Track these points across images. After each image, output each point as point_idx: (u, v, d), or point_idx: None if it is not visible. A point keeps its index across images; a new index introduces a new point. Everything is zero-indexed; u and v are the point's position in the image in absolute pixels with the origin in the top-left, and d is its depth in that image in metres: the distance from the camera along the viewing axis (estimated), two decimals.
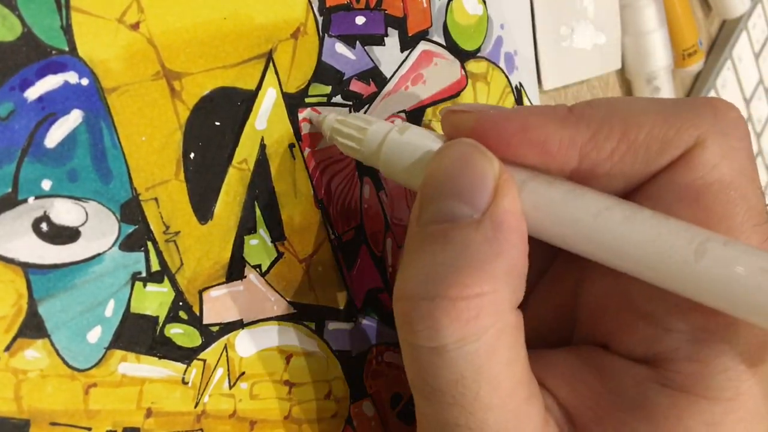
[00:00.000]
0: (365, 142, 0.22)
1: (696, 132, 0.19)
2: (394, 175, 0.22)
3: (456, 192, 0.18)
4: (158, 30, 0.20)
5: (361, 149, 0.22)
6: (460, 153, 0.19)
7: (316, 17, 0.24)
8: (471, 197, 0.18)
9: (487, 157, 0.19)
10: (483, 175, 0.18)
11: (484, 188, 0.18)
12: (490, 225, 0.18)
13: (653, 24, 0.40)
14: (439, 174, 0.19)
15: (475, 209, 0.18)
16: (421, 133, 0.21)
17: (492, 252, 0.17)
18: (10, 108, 0.17)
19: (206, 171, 0.21)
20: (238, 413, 0.22)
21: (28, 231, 0.18)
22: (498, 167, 0.19)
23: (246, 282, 0.22)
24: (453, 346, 0.17)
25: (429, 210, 0.19)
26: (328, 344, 0.25)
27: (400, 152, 0.21)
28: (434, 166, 0.19)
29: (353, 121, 0.22)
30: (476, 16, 0.30)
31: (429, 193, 0.19)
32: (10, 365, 0.18)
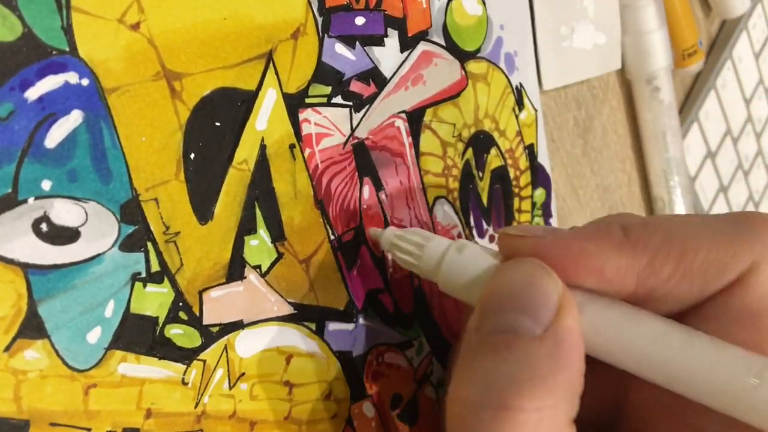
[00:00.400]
0: (424, 258, 0.23)
1: (751, 256, 0.19)
2: (454, 291, 0.22)
3: (520, 306, 0.19)
4: (158, 30, 0.20)
5: (420, 265, 0.23)
6: (526, 270, 0.20)
7: (316, 18, 0.24)
8: (535, 312, 0.19)
9: (551, 276, 0.19)
10: (547, 292, 0.19)
11: (548, 305, 0.19)
12: (552, 341, 0.18)
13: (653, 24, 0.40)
14: (504, 288, 0.20)
15: (538, 324, 0.18)
16: (479, 252, 0.22)
17: (553, 368, 0.18)
18: (10, 108, 0.17)
19: (206, 171, 0.21)
20: (238, 414, 0.22)
21: (28, 231, 0.18)
22: (561, 287, 0.19)
23: (246, 282, 0.22)
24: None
25: (491, 321, 0.19)
26: (328, 345, 0.24)
27: (459, 270, 0.22)
28: (499, 280, 0.20)
29: (411, 237, 0.24)
30: (476, 16, 0.30)
31: (492, 305, 0.20)
32: (9, 365, 0.18)
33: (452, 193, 0.29)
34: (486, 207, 0.31)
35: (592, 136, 0.40)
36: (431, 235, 0.23)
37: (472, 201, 0.30)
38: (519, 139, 0.33)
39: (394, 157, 0.27)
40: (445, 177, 0.29)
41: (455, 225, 0.29)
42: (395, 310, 0.27)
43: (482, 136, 0.31)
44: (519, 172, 0.33)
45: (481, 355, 0.19)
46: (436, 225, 0.28)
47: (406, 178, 0.27)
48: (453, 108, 0.29)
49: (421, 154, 0.28)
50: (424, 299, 0.28)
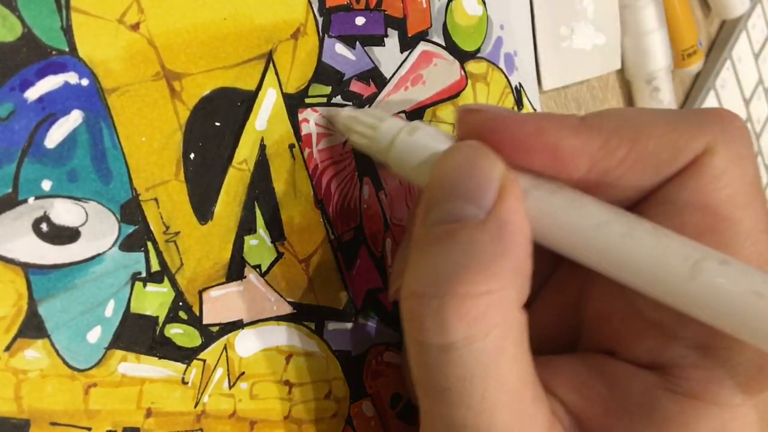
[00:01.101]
0: (377, 138, 0.22)
1: (705, 139, 0.19)
2: (404, 173, 0.22)
3: (461, 193, 0.19)
4: (158, 30, 0.20)
5: (372, 145, 0.23)
6: (466, 155, 0.19)
7: (316, 18, 0.24)
8: (476, 197, 0.18)
9: (491, 159, 0.19)
10: (488, 176, 0.19)
11: (489, 189, 0.18)
12: (495, 225, 0.18)
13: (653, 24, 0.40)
14: (445, 176, 0.19)
15: (480, 209, 0.18)
16: (430, 134, 0.21)
17: (498, 251, 0.18)
18: (10, 108, 0.17)
19: (206, 171, 0.21)
20: (237, 413, 0.22)
21: (29, 231, 0.18)
22: (502, 169, 0.19)
23: (246, 282, 0.22)
24: (461, 344, 0.17)
25: (434, 211, 0.19)
26: (327, 344, 0.25)
27: (409, 152, 0.21)
28: (440, 168, 0.20)
29: (365, 118, 0.23)
30: (476, 16, 0.30)
31: (435, 195, 0.19)
32: (10, 365, 0.18)
33: None
34: None
35: None
36: (386, 115, 0.23)
37: None
38: None
39: None
40: None
41: None
42: (394, 310, 0.27)
43: None
44: None
45: (427, 247, 0.18)
46: None
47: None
48: (453, 108, 0.29)
49: None
50: None
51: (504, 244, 0.18)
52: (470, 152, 0.19)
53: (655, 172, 0.19)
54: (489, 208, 0.18)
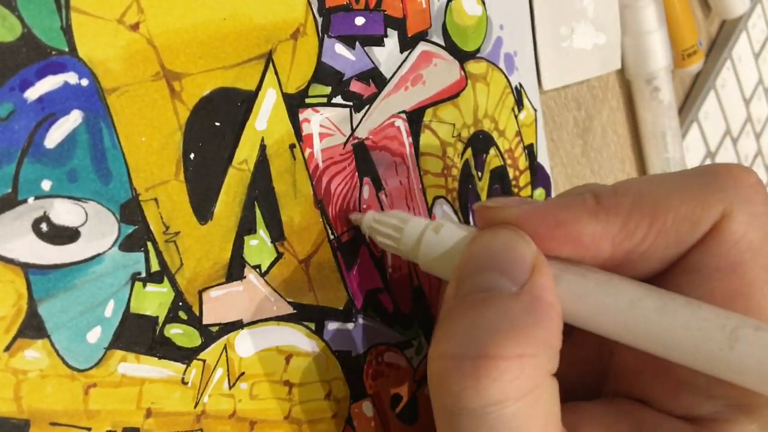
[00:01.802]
0: (403, 240, 0.23)
1: (721, 205, 0.20)
2: (433, 269, 0.23)
3: (496, 267, 0.19)
4: (158, 30, 0.20)
5: (400, 248, 0.23)
6: (500, 234, 0.20)
7: (316, 18, 0.24)
8: (510, 271, 0.19)
9: (525, 238, 0.20)
10: (522, 253, 0.19)
11: (523, 265, 0.19)
12: (528, 297, 0.18)
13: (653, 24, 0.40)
14: (479, 251, 0.20)
15: (514, 282, 0.19)
16: (455, 230, 0.22)
17: (531, 321, 0.18)
18: (10, 108, 0.17)
19: (206, 171, 0.21)
20: (237, 413, 0.22)
21: (28, 231, 0.18)
22: (535, 249, 0.20)
23: (246, 282, 0.22)
24: (493, 408, 0.17)
25: (468, 283, 0.20)
26: (327, 344, 0.25)
27: (437, 248, 0.22)
28: (475, 245, 0.21)
29: (389, 219, 0.24)
30: (475, 16, 0.30)
31: (468, 269, 0.20)
32: (10, 365, 0.18)
33: (452, 193, 0.29)
34: None
35: (592, 136, 0.40)
36: (409, 216, 0.24)
37: (472, 201, 0.30)
38: (518, 139, 0.33)
39: (394, 157, 0.27)
40: (445, 177, 0.29)
41: None
42: (395, 310, 0.27)
43: (481, 136, 0.31)
44: (518, 172, 0.33)
45: (460, 312, 0.19)
46: None
47: (405, 178, 0.27)
48: (452, 108, 0.29)
49: (421, 154, 0.28)
50: (423, 299, 0.28)
51: (537, 315, 0.18)
52: (504, 233, 0.20)
53: (676, 244, 0.20)
54: (522, 283, 0.19)
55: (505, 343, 0.18)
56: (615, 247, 0.20)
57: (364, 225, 0.25)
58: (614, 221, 0.20)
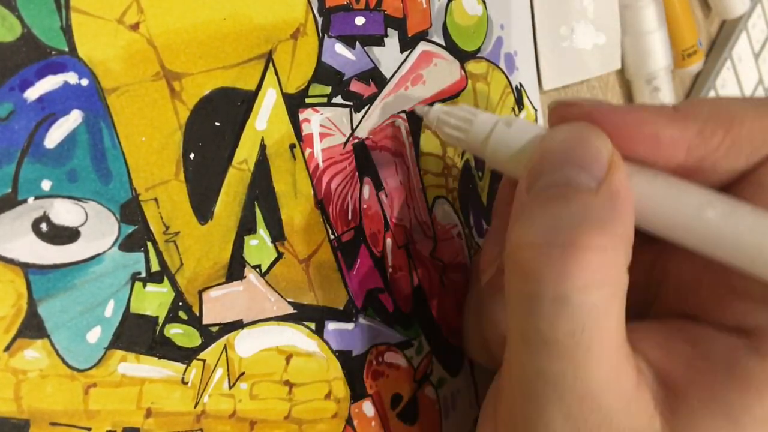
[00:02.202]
0: (472, 132, 0.23)
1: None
2: (501, 164, 0.23)
3: (573, 162, 0.19)
4: (158, 30, 0.20)
5: (468, 140, 0.23)
6: (576, 129, 0.20)
7: (316, 18, 0.24)
8: (588, 167, 0.19)
9: (602, 135, 0.20)
10: (599, 149, 0.20)
11: (600, 161, 0.19)
12: (607, 193, 0.19)
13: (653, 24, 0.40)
14: (556, 147, 0.20)
15: (592, 178, 0.19)
16: (527, 125, 0.22)
17: (610, 216, 0.19)
18: (10, 108, 0.17)
19: (206, 171, 0.21)
20: (237, 413, 0.22)
21: (28, 231, 0.18)
22: (611, 146, 0.20)
23: (246, 282, 0.22)
24: (577, 295, 0.18)
25: (546, 176, 0.20)
26: (328, 344, 0.25)
27: (508, 144, 0.22)
28: (550, 141, 0.21)
29: (459, 112, 0.24)
30: (476, 16, 0.30)
31: (545, 164, 0.20)
32: (9, 365, 0.18)
33: (452, 193, 0.29)
34: (486, 207, 0.31)
35: None
36: (478, 110, 0.24)
37: (472, 201, 0.30)
38: None
39: (394, 156, 0.27)
40: (445, 177, 0.29)
41: (455, 224, 0.29)
42: (395, 310, 0.27)
43: None
44: None
45: (540, 205, 0.19)
46: (436, 225, 0.28)
47: (406, 178, 0.27)
48: None
49: (421, 154, 0.28)
50: (423, 299, 0.28)
51: (616, 210, 0.19)
52: (581, 128, 0.20)
53: (747, 156, 0.20)
54: (600, 178, 0.19)
55: (591, 234, 0.18)
56: (689, 153, 0.20)
57: (431, 116, 0.24)
58: (691, 126, 0.20)
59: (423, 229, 0.28)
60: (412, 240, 0.27)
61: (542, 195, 0.20)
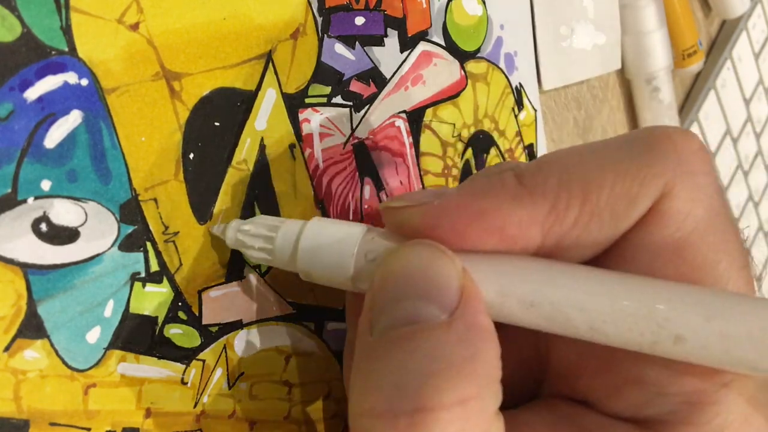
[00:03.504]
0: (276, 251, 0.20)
1: (660, 181, 0.17)
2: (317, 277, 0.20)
3: (419, 293, 0.16)
4: (158, 30, 0.20)
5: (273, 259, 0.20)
6: (418, 253, 0.17)
7: (316, 18, 0.24)
8: (437, 298, 0.16)
9: (449, 256, 0.17)
10: (447, 275, 0.17)
11: (450, 288, 0.16)
12: (462, 325, 0.16)
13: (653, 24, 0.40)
14: (396, 276, 0.17)
15: (443, 309, 0.16)
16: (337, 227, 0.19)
17: (468, 354, 0.16)
18: (10, 108, 0.17)
19: (206, 171, 0.21)
20: (237, 413, 0.22)
21: (28, 231, 0.18)
22: (461, 267, 0.17)
23: (245, 282, 0.22)
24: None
25: (387, 315, 0.17)
26: (327, 344, 0.25)
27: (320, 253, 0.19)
28: (389, 266, 0.17)
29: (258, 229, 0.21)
30: (476, 16, 0.30)
31: (385, 296, 0.17)
32: (9, 365, 0.18)
33: None
34: None
35: (592, 136, 0.40)
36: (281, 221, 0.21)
37: None
38: (518, 139, 0.33)
39: (394, 157, 0.27)
40: (445, 177, 0.29)
41: None
42: None
43: (482, 136, 0.31)
44: None
45: (382, 354, 0.16)
46: None
47: (406, 178, 0.27)
48: (453, 108, 0.29)
49: (421, 154, 0.28)
50: None
51: (474, 346, 0.16)
52: (422, 250, 0.17)
53: (612, 226, 0.18)
54: (452, 308, 0.16)
55: (443, 388, 0.15)
56: (545, 234, 0.17)
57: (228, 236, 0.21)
58: (540, 204, 0.17)
59: None
60: None
61: (385, 338, 0.16)
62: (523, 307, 0.17)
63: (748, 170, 0.53)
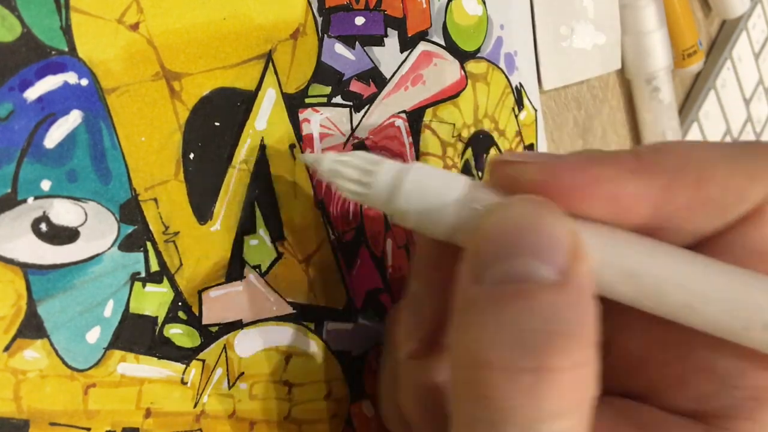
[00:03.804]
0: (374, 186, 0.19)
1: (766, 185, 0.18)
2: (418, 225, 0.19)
3: (530, 249, 0.16)
4: (158, 30, 0.20)
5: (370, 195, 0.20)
6: (529, 208, 0.17)
7: (316, 18, 0.24)
8: (548, 257, 0.16)
9: (560, 215, 0.17)
10: (559, 234, 0.17)
11: (561, 247, 0.16)
12: (574, 290, 0.16)
13: (653, 24, 0.40)
14: (505, 230, 0.17)
15: (554, 270, 0.16)
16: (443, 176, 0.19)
17: (581, 319, 0.16)
18: (10, 108, 0.17)
19: (206, 171, 0.21)
20: (237, 413, 0.22)
21: (28, 231, 0.18)
22: (573, 226, 0.17)
23: (245, 282, 0.22)
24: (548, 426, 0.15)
25: (496, 268, 0.16)
26: (327, 344, 0.25)
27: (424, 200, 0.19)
28: (497, 221, 0.17)
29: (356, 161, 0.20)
30: (476, 16, 0.30)
31: (495, 248, 0.17)
32: (9, 365, 0.18)
33: None
34: None
35: (592, 136, 0.40)
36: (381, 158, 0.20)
37: None
38: (519, 139, 0.33)
39: (394, 156, 0.27)
40: None
41: None
42: None
43: (482, 136, 0.31)
44: None
45: (494, 308, 0.16)
46: None
47: None
48: (453, 108, 0.29)
49: (421, 154, 0.28)
50: None
51: (584, 312, 0.16)
52: (534, 206, 0.17)
53: (718, 217, 0.18)
54: (563, 269, 0.16)
55: (563, 351, 0.15)
56: (654, 211, 0.18)
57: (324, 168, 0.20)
58: (657, 181, 0.17)
59: None
60: (411, 240, 0.27)
61: (497, 293, 0.16)
62: (624, 277, 0.17)
63: None
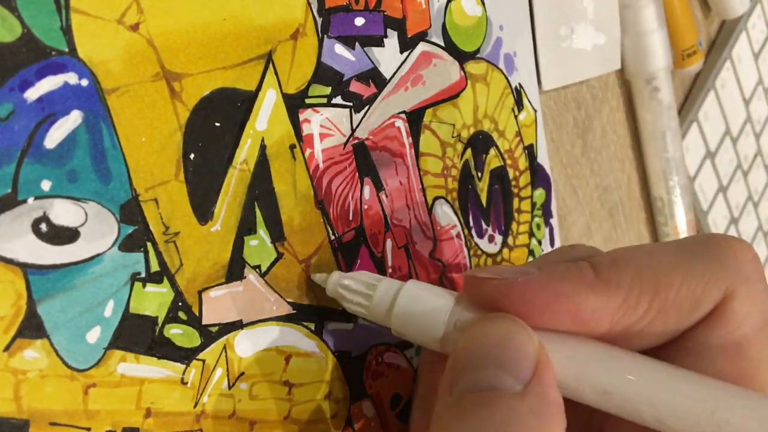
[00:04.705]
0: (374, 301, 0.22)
1: (723, 285, 0.20)
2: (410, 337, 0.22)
3: (498, 362, 0.18)
4: (158, 31, 0.20)
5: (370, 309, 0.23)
6: (501, 326, 0.19)
7: (316, 18, 0.24)
8: (513, 368, 0.18)
9: (527, 332, 0.19)
10: (525, 348, 0.18)
11: (527, 360, 0.18)
12: (535, 398, 0.18)
13: (653, 24, 0.40)
14: (479, 344, 0.19)
15: (518, 380, 0.18)
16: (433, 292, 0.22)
17: (538, 425, 0.17)
18: (10, 109, 0.17)
19: (206, 172, 0.21)
20: (237, 413, 0.22)
21: (28, 231, 0.18)
22: (537, 343, 0.19)
23: (245, 282, 0.22)
24: None
25: (467, 378, 0.19)
26: (327, 345, 0.25)
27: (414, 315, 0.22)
28: (473, 335, 0.20)
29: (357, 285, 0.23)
30: (475, 17, 0.30)
31: (467, 362, 0.19)
32: (9, 365, 0.18)
33: (451, 194, 0.29)
34: (485, 207, 0.31)
35: (592, 136, 0.40)
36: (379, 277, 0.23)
37: (471, 201, 0.30)
38: (518, 140, 0.33)
39: (394, 157, 0.27)
40: (445, 177, 0.29)
41: (454, 225, 0.29)
42: None
43: (481, 136, 0.31)
44: (518, 172, 0.33)
45: (460, 414, 0.18)
46: (435, 225, 0.28)
47: (405, 179, 0.27)
48: (452, 108, 0.29)
49: (421, 155, 0.28)
50: None
51: (544, 418, 0.17)
52: (505, 324, 0.19)
53: (676, 322, 0.20)
54: (526, 380, 0.18)
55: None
56: (614, 322, 0.19)
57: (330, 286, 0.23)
58: (615, 296, 0.19)
59: (423, 229, 0.28)
60: (411, 240, 0.27)
61: (464, 400, 0.18)
62: (597, 393, 0.19)
63: (748, 170, 0.53)
